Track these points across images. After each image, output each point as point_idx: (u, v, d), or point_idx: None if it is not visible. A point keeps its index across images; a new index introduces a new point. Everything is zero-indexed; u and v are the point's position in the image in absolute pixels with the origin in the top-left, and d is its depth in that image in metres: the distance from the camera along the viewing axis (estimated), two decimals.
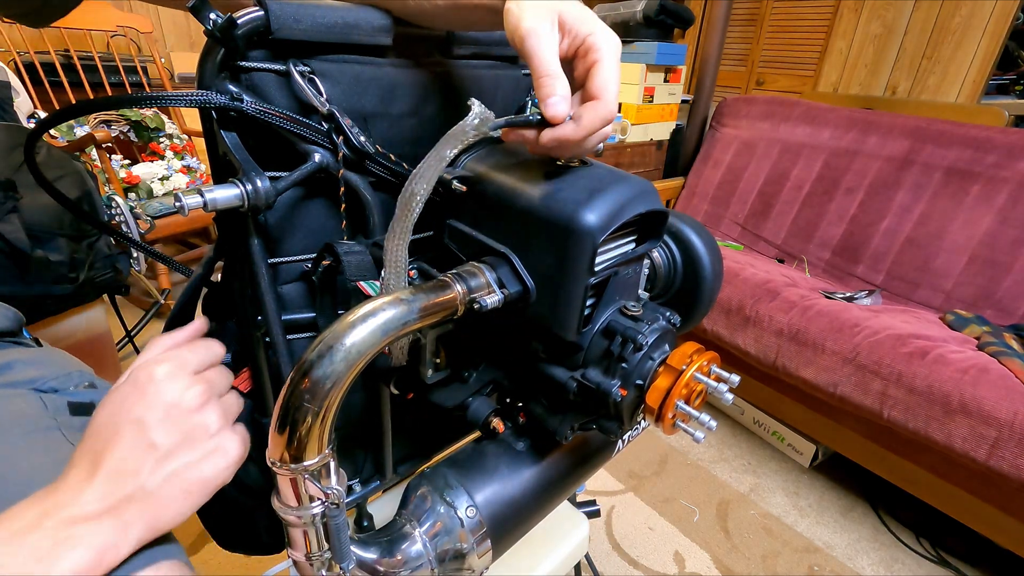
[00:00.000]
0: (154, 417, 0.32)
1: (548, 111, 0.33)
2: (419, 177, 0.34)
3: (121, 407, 0.32)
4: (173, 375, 0.33)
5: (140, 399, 0.32)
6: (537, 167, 0.37)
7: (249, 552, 0.55)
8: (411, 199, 0.35)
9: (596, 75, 0.33)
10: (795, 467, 1.45)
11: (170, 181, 1.75)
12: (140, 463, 0.31)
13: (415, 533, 0.41)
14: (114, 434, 0.31)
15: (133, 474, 0.30)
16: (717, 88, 2.05)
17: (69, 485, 0.29)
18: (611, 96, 0.33)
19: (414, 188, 0.34)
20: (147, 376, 0.33)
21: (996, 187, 1.36)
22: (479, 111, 0.33)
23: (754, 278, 1.37)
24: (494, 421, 0.44)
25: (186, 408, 0.33)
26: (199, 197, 0.33)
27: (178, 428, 0.32)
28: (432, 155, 0.34)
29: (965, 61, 2.09)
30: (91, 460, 0.30)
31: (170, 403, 0.32)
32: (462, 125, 0.33)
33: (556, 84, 0.33)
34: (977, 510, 1.07)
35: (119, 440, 0.31)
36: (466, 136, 0.33)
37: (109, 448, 0.30)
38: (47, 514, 0.28)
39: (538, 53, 0.32)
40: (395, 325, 0.31)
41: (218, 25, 0.33)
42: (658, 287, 0.47)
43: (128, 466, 0.30)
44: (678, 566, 1.15)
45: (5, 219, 0.71)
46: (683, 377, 0.35)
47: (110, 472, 0.30)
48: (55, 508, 0.28)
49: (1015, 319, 1.29)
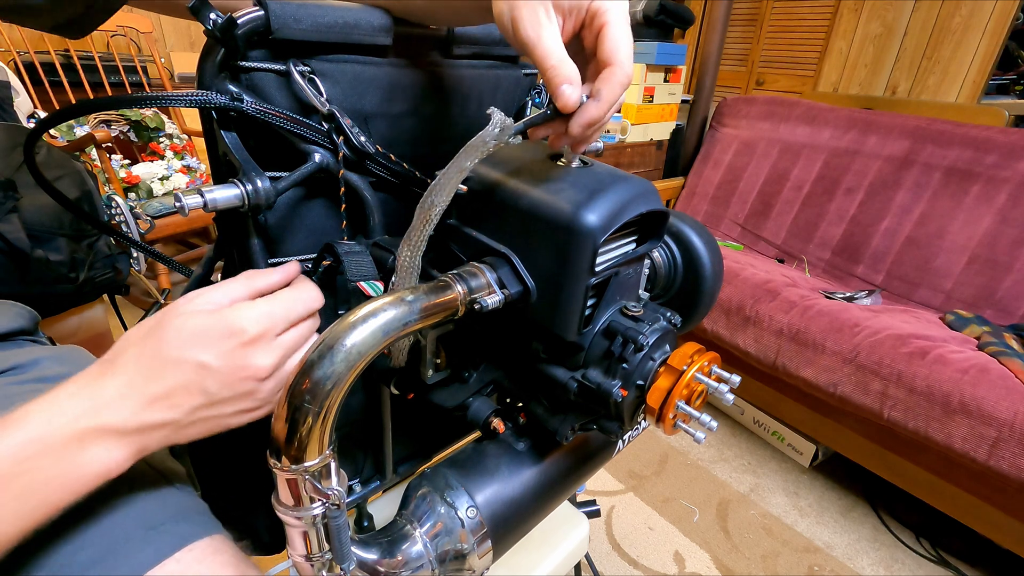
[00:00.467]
0: (220, 373, 0.31)
1: (560, 101, 0.32)
2: (439, 188, 0.34)
3: (195, 340, 0.31)
4: (257, 341, 0.32)
5: (217, 348, 0.31)
6: (538, 167, 0.37)
7: (249, 552, 0.55)
8: (430, 210, 0.34)
9: (605, 39, 0.31)
10: (795, 467, 1.45)
11: (170, 181, 1.75)
12: (185, 404, 0.31)
13: (416, 534, 0.41)
14: (175, 364, 0.31)
15: (173, 408, 0.31)
16: (717, 88, 2.05)
17: (110, 392, 0.30)
18: (624, 57, 0.32)
19: (433, 199, 0.34)
20: (235, 328, 0.32)
21: (996, 187, 1.36)
22: (499, 119, 0.32)
23: (754, 278, 1.37)
24: (494, 421, 0.44)
25: (251, 375, 0.32)
26: (199, 197, 0.33)
27: (235, 388, 0.32)
28: (452, 166, 0.33)
29: (965, 61, 2.09)
30: (143, 375, 0.30)
31: (241, 366, 0.32)
32: (482, 136, 0.32)
33: (562, 72, 0.31)
34: (977, 510, 1.07)
35: (177, 373, 0.31)
36: (486, 146, 0.32)
37: (164, 375, 0.31)
38: (85, 415, 0.29)
39: (538, 45, 0.31)
40: (396, 326, 0.31)
41: (218, 25, 0.33)
42: (658, 287, 0.47)
43: (173, 401, 0.31)
44: (678, 566, 1.15)
45: (5, 219, 0.71)
46: (684, 377, 0.35)
47: (155, 397, 0.30)
48: (94, 411, 0.29)
49: (1015, 319, 1.29)
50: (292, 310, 0.34)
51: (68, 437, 0.28)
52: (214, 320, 0.32)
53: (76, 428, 0.29)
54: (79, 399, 0.30)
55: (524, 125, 0.34)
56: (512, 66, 0.51)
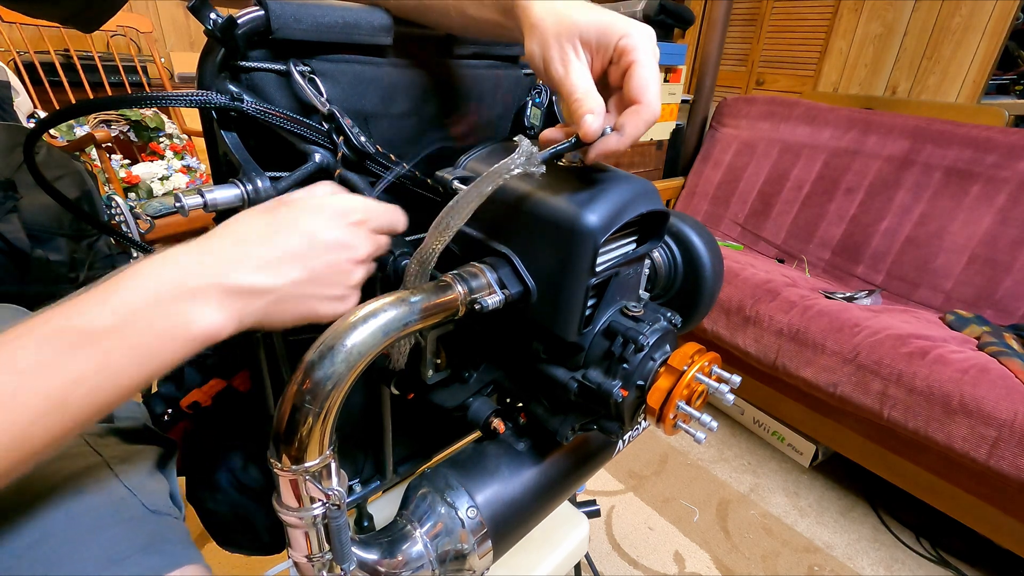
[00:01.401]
0: (326, 246, 0.33)
1: (582, 130, 0.33)
2: (456, 211, 0.34)
3: (309, 213, 0.33)
4: (361, 224, 0.34)
5: (329, 221, 0.33)
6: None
7: (249, 552, 0.55)
8: (445, 231, 0.35)
9: (633, 77, 0.33)
10: (795, 467, 1.45)
11: (170, 181, 1.75)
12: (289, 273, 0.31)
13: (416, 534, 0.41)
14: (288, 231, 0.32)
15: (278, 275, 0.31)
16: (717, 88, 2.05)
17: (223, 252, 0.31)
18: (652, 97, 0.33)
19: (449, 221, 0.34)
20: (346, 207, 0.34)
21: (996, 187, 1.36)
22: (526, 148, 0.33)
23: (754, 278, 1.37)
24: (495, 422, 0.44)
25: (351, 256, 0.34)
26: (199, 197, 0.33)
27: (333, 268, 0.33)
28: (472, 190, 0.34)
29: (965, 61, 2.09)
30: (256, 239, 0.31)
31: (345, 243, 0.33)
32: (507, 163, 0.33)
33: (585, 104, 0.33)
34: (977, 510, 1.07)
35: (289, 239, 0.32)
36: (510, 173, 0.33)
37: (275, 240, 0.31)
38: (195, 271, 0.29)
39: (565, 81, 0.33)
40: (396, 326, 0.31)
41: (218, 25, 0.33)
42: (659, 287, 0.47)
43: (279, 269, 0.31)
44: (678, 566, 1.15)
45: (5, 219, 0.71)
46: (684, 378, 0.35)
47: (263, 261, 0.31)
48: (204, 268, 0.30)
49: (1015, 319, 1.29)
50: (384, 214, 0.36)
51: (178, 292, 0.29)
52: (327, 200, 0.34)
53: (186, 284, 0.29)
54: (192, 255, 0.30)
55: (550, 154, 0.34)
56: (512, 66, 0.51)
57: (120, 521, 0.36)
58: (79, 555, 0.33)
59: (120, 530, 0.35)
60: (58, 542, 0.33)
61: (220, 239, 0.31)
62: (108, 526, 0.35)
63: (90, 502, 0.36)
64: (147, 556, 0.34)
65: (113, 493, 0.38)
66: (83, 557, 0.33)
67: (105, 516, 0.35)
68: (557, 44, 0.33)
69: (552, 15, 0.33)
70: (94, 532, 0.34)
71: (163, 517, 0.39)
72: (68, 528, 0.34)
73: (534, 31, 0.34)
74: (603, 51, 0.33)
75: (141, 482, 0.40)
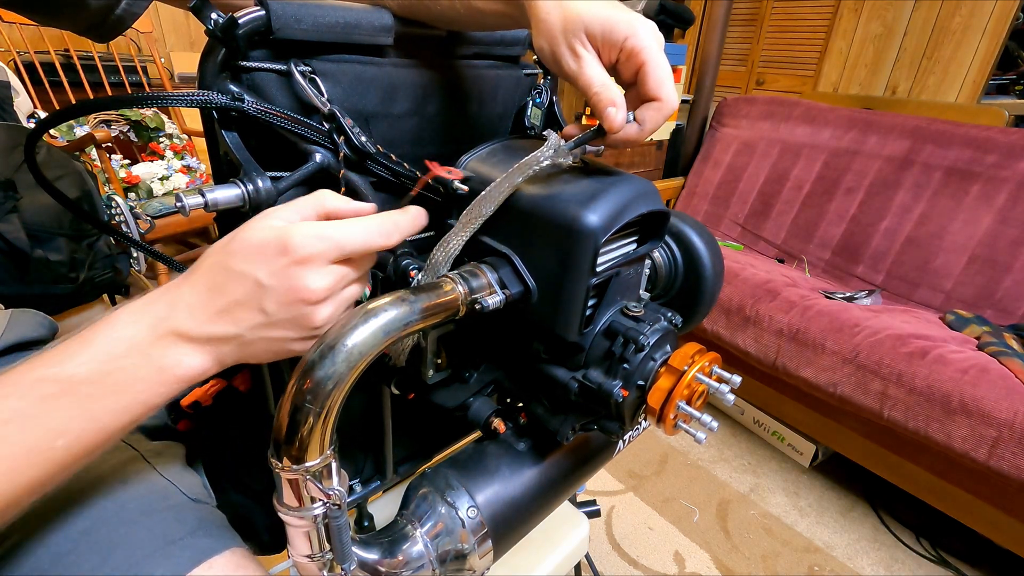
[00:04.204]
0: (274, 291, 0.31)
1: (607, 122, 0.34)
2: (488, 200, 0.35)
3: (254, 255, 0.31)
4: (307, 263, 0.31)
5: (270, 265, 0.31)
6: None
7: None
8: (476, 220, 0.36)
9: (649, 77, 0.33)
10: (795, 467, 1.45)
11: (170, 181, 1.75)
12: (245, 320, 0.31)
13: (416, 534, 0.41)
14: (237, 279, 0.31)
15: (236, 323, 0.31)
16: (717, 88, 2.05)
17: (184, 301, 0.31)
18: (669, 93, 0.34)
19: (481, 209, 0.36)
20: (288, 245, 0.31)
21: (996, 187, 1.36)
22: (554, 142, 0.34)
23: (754, 278, 1.37)
24: (495, 421, 0.44)
25: (303, 298, 0.31)
26: (200, 197, 0.33)
27: (290, 310, 0.32)
28: (504, 180, 0.35)
29: (965, 61, 2.09)
30: (211, 288, 0.31)
31: (292, 287, 0.31)
32: (536, 155, 0.34)
33: (605, 96, 0.34)
34: (977, 510, 1.07)
35: (237, 288, 0.31)
36: (540, 166, 0.34)
37: (227, 289, 0.31)
38: (163, 320, 0.31)
39: (581, 75, 0.34)
40: (397, 325, 0.31)
41: (219, 25, 0.33)
42: (659, 287, 0.47)
43: (235, 316, 0.31)
44: (678, 566, 1.15)
45: (5, 219, 0.71)
46: (685, 378, 0.35)
47: (219, 310, 0.31)
48: (169, 318, 0.31)
49: (1015, 319, 1.29)
50: (349, 238, 0.32)
51: (151, 339, 0.30)
52: (273, 236, 0.31)
53: (156, 331, 0.30)
54: (159, 305, 0.31)
55: (575, 144, 0.36)
56: (512, 66, 0.51)
57: (167, 507, 0.38)
58: (134, 537, 0.35)
59: (169, 515, 0.37)
60: (111, 527, 0.35)
61: (185, 287, 0.32)
62: (157, 511, 0.37)
63: (135, 491, 0.38)
64: (197, 539, 0.36)
65: (155, 483, 0.39)
66: (139, 538, 0.35)
67: (153, 502, 0.37)
68: (564, 39, 0.33)
69: (557, 10, 0.33)
70: (145, 516, 0.36)
71: (203, 505, 0.41)
72: (119, 514, 0.36)
73: (541, 27, 0.34)
74: (608, 47, 0.34)
75: (178, 474, 0.42)
